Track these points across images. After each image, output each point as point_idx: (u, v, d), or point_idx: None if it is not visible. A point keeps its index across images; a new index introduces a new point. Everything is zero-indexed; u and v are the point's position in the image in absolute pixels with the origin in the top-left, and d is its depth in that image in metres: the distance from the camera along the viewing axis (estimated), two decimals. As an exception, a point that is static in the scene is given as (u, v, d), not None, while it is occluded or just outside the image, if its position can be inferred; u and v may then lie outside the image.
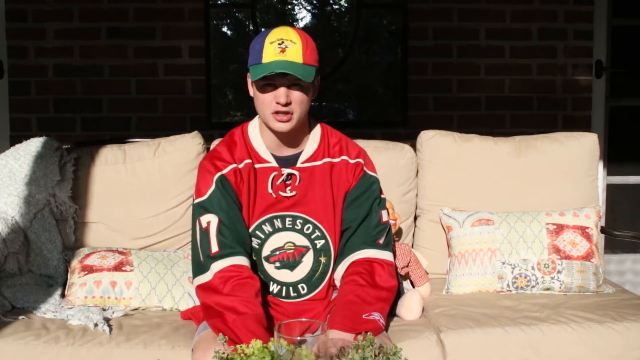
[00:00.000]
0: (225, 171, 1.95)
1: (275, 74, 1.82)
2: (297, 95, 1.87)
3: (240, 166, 1.97)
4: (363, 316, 1.87)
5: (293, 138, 1.98)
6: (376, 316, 1.90)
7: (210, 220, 1.92)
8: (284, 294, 2.03)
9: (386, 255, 2.03)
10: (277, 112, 1.87)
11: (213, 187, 1.94)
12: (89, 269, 2.33)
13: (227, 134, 2.08)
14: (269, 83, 1.86)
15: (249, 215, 1.99)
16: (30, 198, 2.45)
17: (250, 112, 4.07)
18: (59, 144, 2.58)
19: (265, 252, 2.01)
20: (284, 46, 1.84)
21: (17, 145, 2.55)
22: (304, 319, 1.82)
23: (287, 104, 1.86)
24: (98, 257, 2.38)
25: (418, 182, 2.69)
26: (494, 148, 2.67)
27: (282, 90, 1.85)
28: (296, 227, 2.00)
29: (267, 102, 1.87)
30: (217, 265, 1.87)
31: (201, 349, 1.82)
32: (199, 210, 1.95)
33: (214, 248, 1.89)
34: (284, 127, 1.89)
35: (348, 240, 2.02)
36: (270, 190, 1.98)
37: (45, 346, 2.01)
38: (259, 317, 1.80)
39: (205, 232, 1.92)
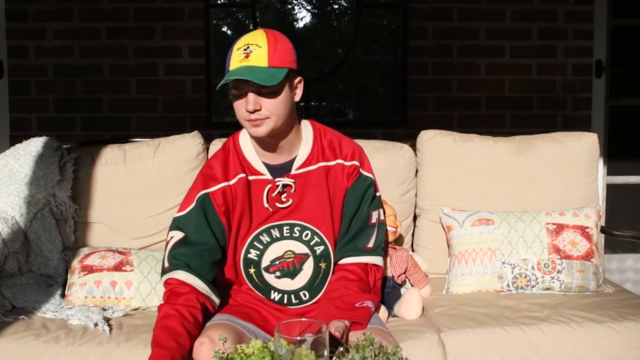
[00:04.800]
0: (211, 190, 1.94)
1: (240, 81, 1.80)
2: (267, 101, 1.82)
3: (232, 182, 1.95)
4: (356, 304, 1.88)
5: (281, 143, 1.94)
6: (369, 304, 1.91)
7: (174, 235, 1.93)
8: (285, 302, 2.02)
9: (376, 260, 2.03)
10: (250, 120, 1.84)
11: (193, 205, 1.94)
12: (89, 269, 2.33)
13: (221, 147, 2.05)
14: (238, 92, 1.83)
15: (249, 227, 1.97)
16: (30, 198, 2.45)
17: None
18: (59, 144, 2.58)
19: (265, 262, 1.99)
20: (248, 51, 1.81)
21: (17, 145, 2.55)
22: (304, 319, 1.82)
23: (256, 110, 1.82)
24: (98, 257, 2.38)
25: (418, 182, 2.69)
26: (494, 148, 2.67)
27: (250, 97, 1.81)
28: (294, 234, 1.98)
29: (238, 109, 1.86)
30: (164, 278, 1.91)
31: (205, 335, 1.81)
32: (173, 223, 1.97)
33: (166, 263, 1.92)
34: (258, 131, 1.85)
35: (337, 244, 2.02)
36: (266, 205, 1.95)
37: (45, 346, 2.01)
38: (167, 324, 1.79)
39: (166, 245, 1.95)
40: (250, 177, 1.96)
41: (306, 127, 2.02)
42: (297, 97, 1.93)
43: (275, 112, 1.84)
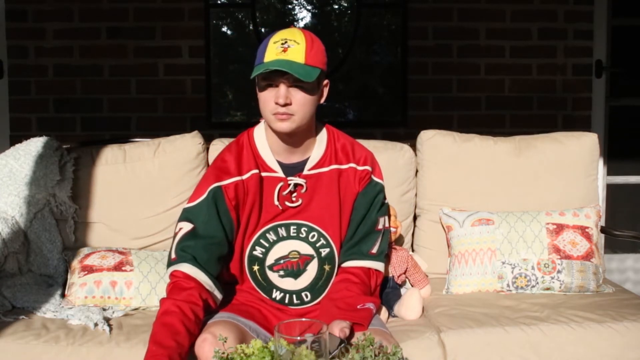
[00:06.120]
0: (224, 183, 1.93)
1: (276, 73, 1.80)
2: (298, 96, 1.83)
3: (245, 177, 1.94)
4: (358, 306, 1.89)
5: (299, 142, 1.95)
6: (370, 306, 1.92)
7: (183, 227, 1.92)
8: (287, 301, 2.02)
9: (378, 266, 2.04)
10: (277, 113, 1.84)
11: (204, 196, 1.92)
12: (89, 269, 2.33)
13: (234, 140, 2.05)
14: (270, 83, 1.83)
15: (257, 223, 1.97)
16: (30, 198, 2.45)
17: (250, 112, 4.09)
18: (59, 144, 2.58)
19: (270, 260, 1.99)
20: (286, 46, 1.82)
21: (17, 145, 2.55)
22: (304, 319, 1.82)
23: (287, 105, 1.82)
24: (98, 257, 2.38)
25: (418, 182, 2.69)
26: (494, 148, 2.67)
27: (282, 90, 1.81)
28: (301, 235, 1.98)
29: (267, 101, 1.85)
30: (170, 270, 1.89)
31: (208, 331, 1.81)
32: (182, 214, 1.95)
33: (172, 255, 1.90)
34: (283, 126, 1.85)
35: (342, 247, 2.02)
36: (276, 202, 1.95)
37: (45, 346, 2.01)
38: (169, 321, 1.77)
39: (174, 237, 1.93)
40: (263, 174, 1.97)
41: (321, 129, 2.03)
42: (323, 100, 1.95)
43: (303, 110, 1.85)
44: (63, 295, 2.34)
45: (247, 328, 1.88)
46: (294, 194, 1.97)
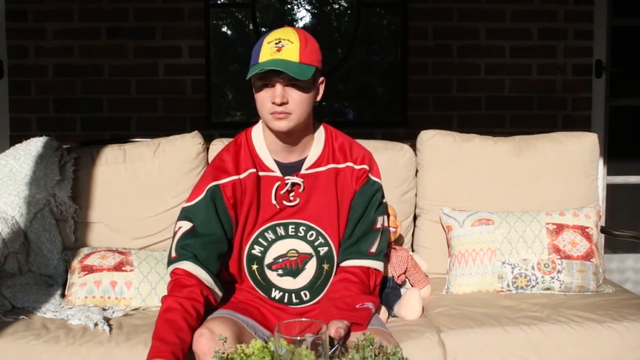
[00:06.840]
0: (221, 182, 1.94)
1: (271, 73, 1.81)
2: (294, 95, 1.84)
3: (243, 176, 1.95)
4: (357, 306, 1.89)
5: (296, 141, 1.95)
6: (369, 305, 1.92)
7: (182, 226, 1.93)
8: (286, 300, 2.02)
9: (377, 265, 2.04)
10: (274, 112, 1.85)
11: (202, 195, 1.93)
12: (89, 269, 2.33)
13: (232, 140, 2.05)
14: (266, 83, 1.84)
15: (255, 222, 1.97)
16: (30, 198, 2.45)
17: (250, 112, 4.08)
18: (59, 144, 2.58)
19: (268, 259, 1.99)
20: (280, 45, 1.83)
21: (17, 145, 2.55)
22: (304, 319, 1.82)
23: (283, 104, 1.83)
24: (98, 257, 2.38)
25: (418, 182, 2.69)
26: (494, 148, 2.67)
27: (278, 90, 1.82)
28: (299, 234, 1.99)
29: (264, 101, 1.85)
30: (171, 268, 1.90)
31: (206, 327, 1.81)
32: (181, 213, 1.97)
33: (173, 253, 1.91)
34: (281, 125, 1.86)
35: (340, 246, 2.02)
36: (274, 202, 1.96)
37: (45, 346, 2.01)
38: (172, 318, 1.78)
39: (174, 236, 1.94)
40: (261, 173, 1.97)
41: (318, 129, 2.03)
42: (319, 97, 1.95)
43: (300, 108, 1.86)
44: (63, 295, 2.34)
45: (244, 324, 1.88)
46: (292, 193, 1.97)
